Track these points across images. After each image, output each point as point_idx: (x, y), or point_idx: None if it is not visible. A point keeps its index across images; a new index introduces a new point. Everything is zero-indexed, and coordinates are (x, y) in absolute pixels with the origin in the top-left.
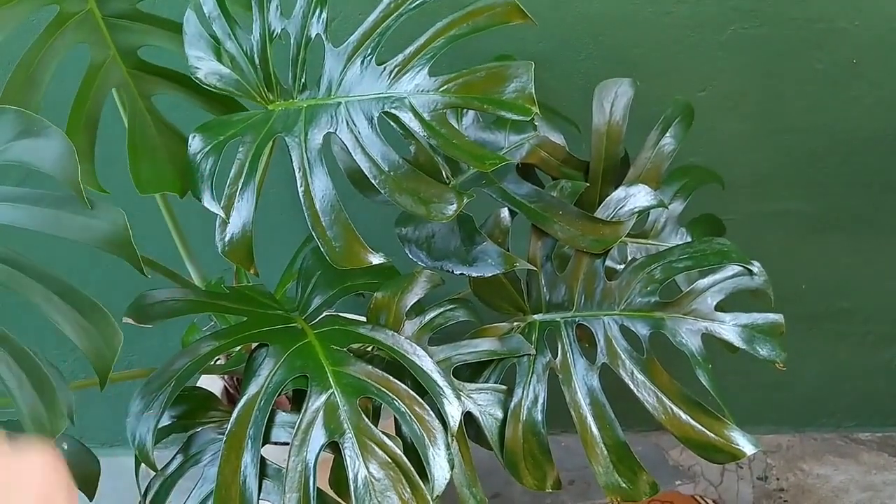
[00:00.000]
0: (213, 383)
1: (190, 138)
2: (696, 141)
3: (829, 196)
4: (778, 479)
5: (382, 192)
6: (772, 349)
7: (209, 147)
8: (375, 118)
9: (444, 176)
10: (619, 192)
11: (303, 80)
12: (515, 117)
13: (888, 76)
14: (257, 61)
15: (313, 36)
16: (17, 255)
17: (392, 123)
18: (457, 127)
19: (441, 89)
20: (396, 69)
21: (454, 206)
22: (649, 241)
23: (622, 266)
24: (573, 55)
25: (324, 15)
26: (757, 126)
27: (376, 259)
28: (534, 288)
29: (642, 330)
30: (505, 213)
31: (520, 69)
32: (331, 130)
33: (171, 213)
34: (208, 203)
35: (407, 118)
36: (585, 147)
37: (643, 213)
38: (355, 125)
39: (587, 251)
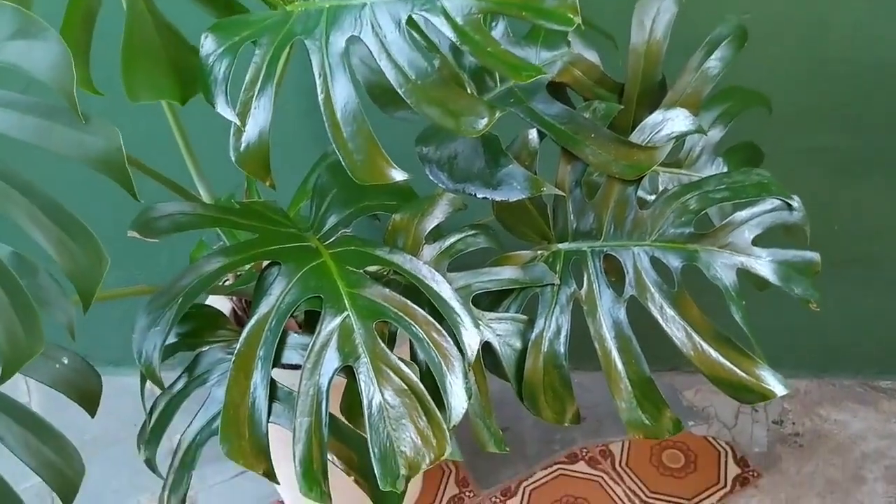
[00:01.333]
0: (221, 304)
1: (203, 38)
2: (735, 66)
3: (871, 135)
4: (794, 423)
5: (409, 101)
6: (806, 288)
7: (224, 48)
8: (403, 21)
9: (470, 93)
10: (656, 116)
11: None
12: (556, 27)
13: None
14: None
15: None
16: (1, 162)
17: (418, 32)
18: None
19: None
20: None
21: (485, 120)
22: (683, 171)
23: (653, 196)
24: None
25: None
26: (801, 55)
27: (399, 175)
28: (560, 215)
29: (674, 262)
30: (533, 134)
31: None
32: (355, 34)
33: (179, 123)
34: (222, 109)
35: (438, 22)
36: (621, 67)
37: (680, 138)
38: (381, 28)
39: (619, 177)
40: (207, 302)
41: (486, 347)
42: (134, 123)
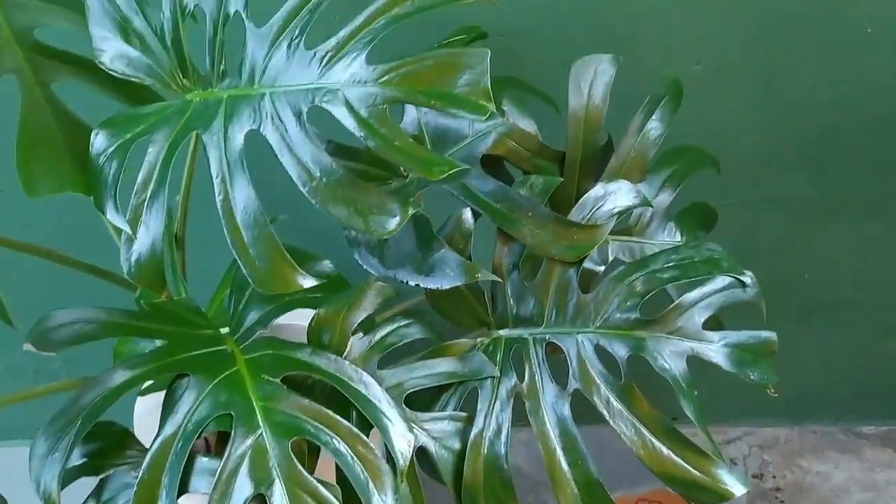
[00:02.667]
0: None
1: (93, 136)
2: (690, 120)
3: (837, 179)
4: (774, 476)
5: (313, 201)
6: (763, 372)
7: (115, 147)
8: (304, 113)
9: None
10: (597, 190)
11: (222, 65)
12: (469, 116)
13: None
14: (169, 42)
15: (231, 13)
16: None
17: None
18: (397, 125)
19: (381, 80)
20: (329, 55)
21: (397, 219)
22: (633, 239)
23: (602, 268)
24: (549, 25)
25: None
26: (758, 103)
27: (308, 282)
28: (499, 299)
29: (620, 351)
30: (467, 214)
31: (474, 58)
32: (254, 127)
33: None
34: (112, 216)
35: (341, 114)
36: (562, 132)
37: (624, 213)
38: (281, 121)
39: (559, 259)
40: None
41: (422, 451)
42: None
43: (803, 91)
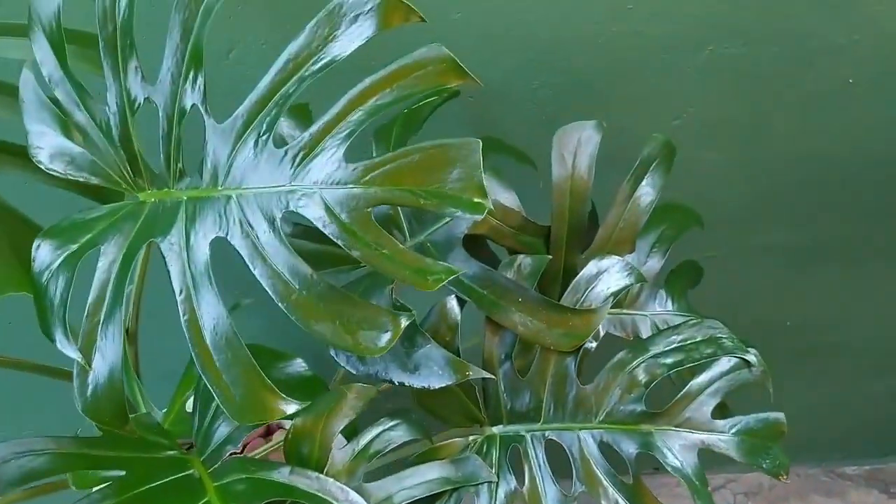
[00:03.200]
0: None
1: (35, 248)
2: (672, 174)
3: (819, 227)
4: None
5: (293, 317)
6: (775, 459)
7: (60, 261)
8: (278, 219)
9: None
10: (590, 269)
11: (179, 164)
12: (463, 215)
13: (889, 95)
14: (117, 138)
15: (188, 107)
16: None
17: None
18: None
19: (363, 180)
20: (302, 153)
21: (388, 335)
22: (625, 311)
23: (594, 345)
24: (526, 82)
25: (200, 79)
26: (740, 155)
27: (291, 407)
28: (492, 394)
29: (628, 448)
30: (452, 303)
31: (464, 150)
32: (220, 234)
33: None
34: (62, 343)
35: (319, 219)
36: (542, 196)
37: (619, 294)
38: (252, 228)
39: (555, 348)
40: None
41: None
42: None
43: (785, 142)
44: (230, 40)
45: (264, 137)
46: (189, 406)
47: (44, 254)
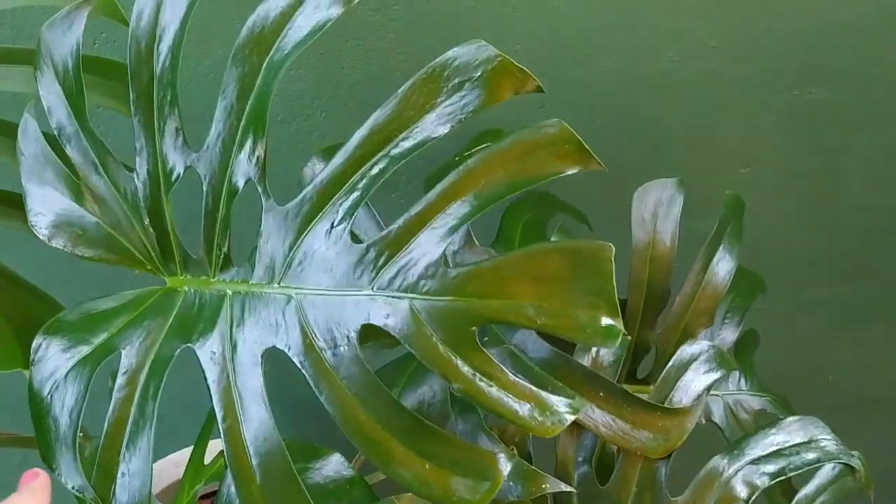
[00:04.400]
0: None
1: (34, 350)
2: None
3: (876, 282)
4: None
5: (367, 456)
6: None
7: (70, 369)
8: (354, 334)
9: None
10: (680, 356)
11: (224, 248)
12: (592, 344)
13: None
14: (145, 212)
15: (241, 183)
16: None
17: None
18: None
19: (468, 290)
20: (388, 250)
21: (487, 485)
22: None
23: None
24: (584, 123)
25: (259, 150)
26: (805, 205)
27: None
28: (565, 502)
29: None
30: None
31: (595, 256)
32: (276, 344)
33: None
34: (69, 475)
35: (408, 337)
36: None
37: (711, 387)
38: (318, 339)
39: (641, 453)
40: None
41: None
42: None
43: (856, 195)
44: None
45: (339, 228)
46: None
47: (48, 358)
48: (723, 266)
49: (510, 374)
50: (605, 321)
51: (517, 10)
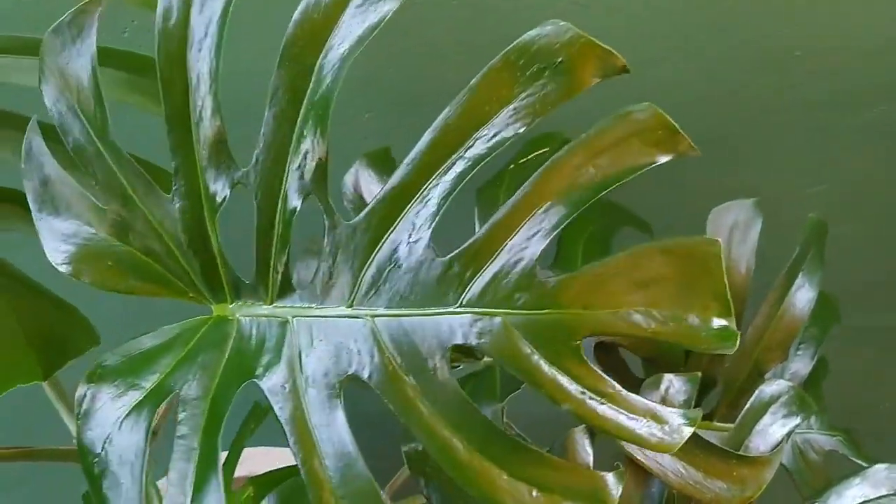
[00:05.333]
0: None
1: (78, 399)
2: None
3: None
4: None
5: (463, 486)
6: None
7: (122, 419)
8: (437, 357)
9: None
10: (760, 396)
11: (280, 270)
12: (706, 350)
13: None
14: (185, 241)
15: (297, 200)
16: None
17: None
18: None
19: (567, 299)
20: (475, 262)
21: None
22: None
23: None
24: None
25: (317, 159)
26: (880, 227)
27: None
28: None
29: None
30: (582, 437)
31: (703, 252)
32: (353, 371)
33: None
34: None
35: (507, 359)
36: None
37: (791, 434)
38: (400, 364)
39: None
40: None
41: None
42: None
43: None
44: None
45: (415, 242)
46: None
47: (96, 411)
48: (802, 295)
49: (621, 389)
50: (719, 323)
51: (588, 8)
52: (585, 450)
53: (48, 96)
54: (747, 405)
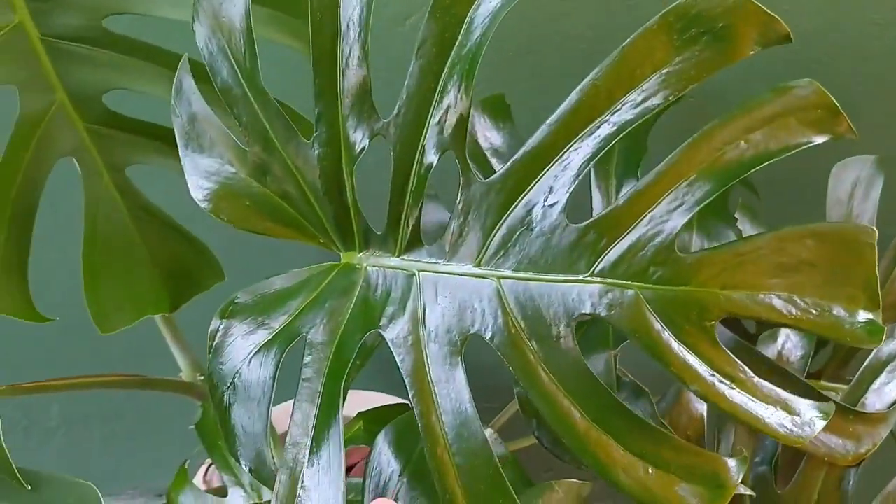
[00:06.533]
0: None
1: (210, 336)
2: None
3: None
4: None
5: (580, 457)
6: None
7: (252, 355)
8: (562, 325)
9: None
10: (877, 354)
11: (411, 224)
12: (855, 344)
13: None
14: (321, 187)
15: (434, 155)
16: None
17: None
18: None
19: (704, 278)
20: (610, 231)
21: (720, 493)
22: None
23: None
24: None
25: (459, 115)
26: None
27: None
28: None
29: None
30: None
31: (856, 241)
32: (475, 329)
33: None
34: (261, 471)
35: (636, 331)
36: None
37: None
38: (524, 329)
39: (829, 460)
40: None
41: None
42: None
43: None
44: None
45: (550, 205)
46: None
47: (228, 346)
48: None
49: (753, 374)
50: (865, 316)
51: None
52: (699, 400)
53: (200, 36)
54: (865, 363)
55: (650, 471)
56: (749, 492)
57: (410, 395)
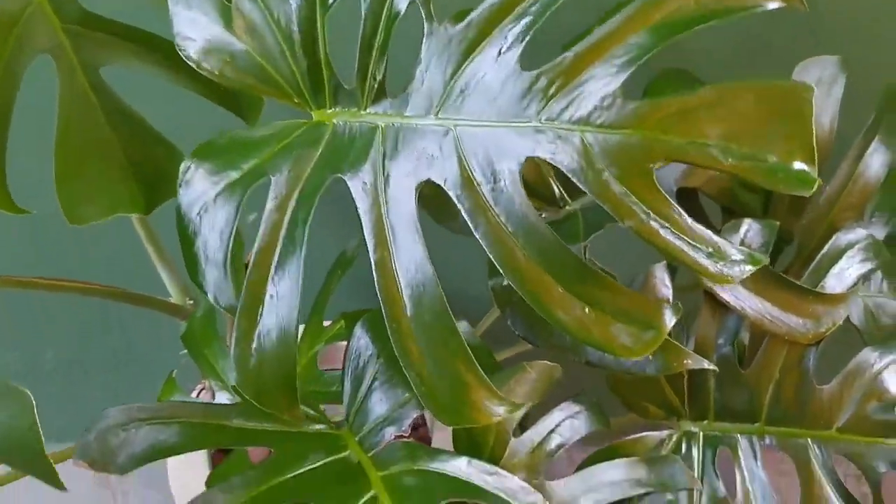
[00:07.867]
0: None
1: (182, 172)
2: None
3: None
4: None
5: (524, 296)
6: None
7: (220, 190)
8: (516, 168)
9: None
10: (836, 242)
11: (378, 78)
12: (783, 190)
13: None
14: (297, 40)
15: (403, 6)
16: None
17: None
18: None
19: (646, 124)
20: (559, 79)
21: (652, 334)
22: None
23: None
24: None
25: None
26: None
27: (503, 410)
28: (698, 384)
29: (875, 465)
30: (662, 272)
31: (793, 96)
32: (430, 177)
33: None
34: (219, 293)
35: (576, 172)
36: None
37: (866, 277)
38: (476, 173)
39: (789, 338)
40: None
41: None
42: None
43: None
44: None
45: (507, 54)
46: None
47: (196, 180)
48: (876, 159)
49: (687, 217)
50: (800, 167)
51: None
52: (665, 283)
53: None
54: (824, 249)
55: (587, 310)
56: (712, 367)
57: (366, 233)
